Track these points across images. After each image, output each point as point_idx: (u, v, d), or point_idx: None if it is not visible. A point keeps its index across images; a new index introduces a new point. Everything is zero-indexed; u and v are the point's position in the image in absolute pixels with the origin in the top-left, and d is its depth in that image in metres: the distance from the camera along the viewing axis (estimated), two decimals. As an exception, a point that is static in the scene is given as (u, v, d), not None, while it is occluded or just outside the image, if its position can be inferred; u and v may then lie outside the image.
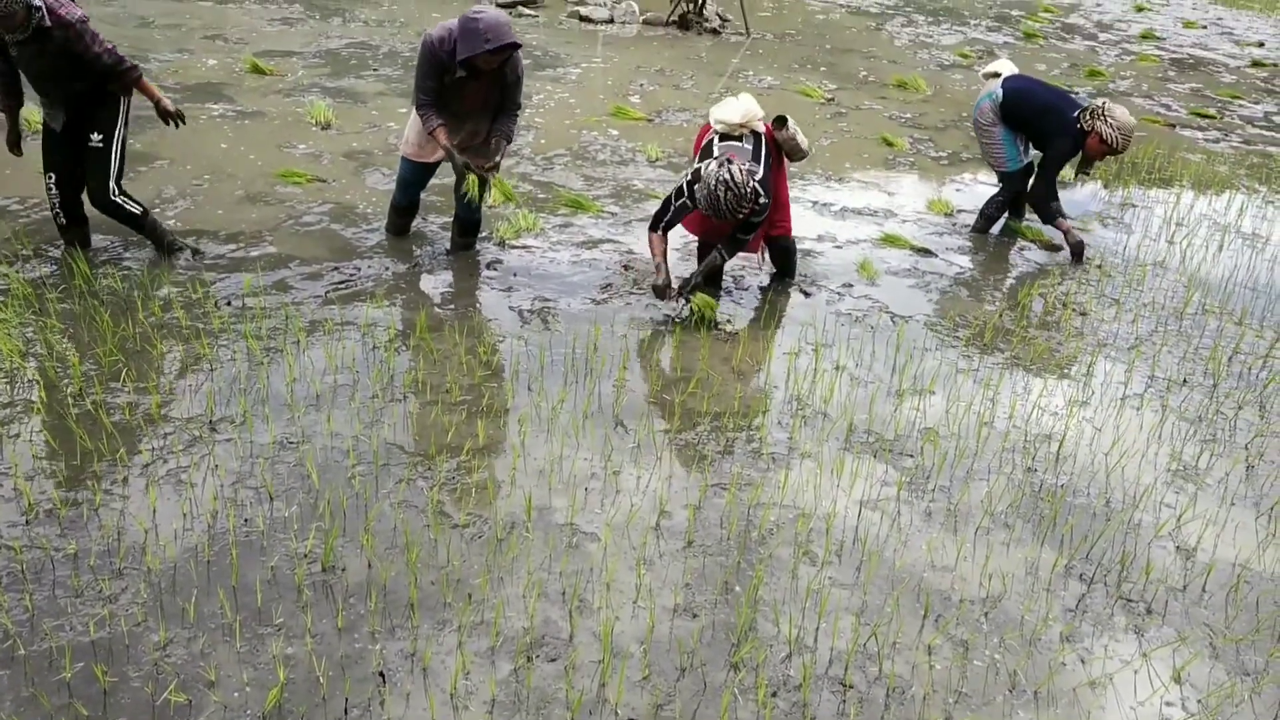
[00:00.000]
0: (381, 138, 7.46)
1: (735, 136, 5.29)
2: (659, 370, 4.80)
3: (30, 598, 3.17)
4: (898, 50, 12.11)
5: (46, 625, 3.08)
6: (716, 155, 5.11)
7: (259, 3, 11.18)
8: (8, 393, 4.18)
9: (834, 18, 13.48)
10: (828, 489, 4.05)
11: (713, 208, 4.92)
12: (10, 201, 5.87)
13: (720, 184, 4.85)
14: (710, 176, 4.88)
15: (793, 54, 11.43)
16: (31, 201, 5.89)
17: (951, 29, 13.43)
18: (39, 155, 5.32)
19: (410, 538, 3.54)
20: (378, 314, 5.03)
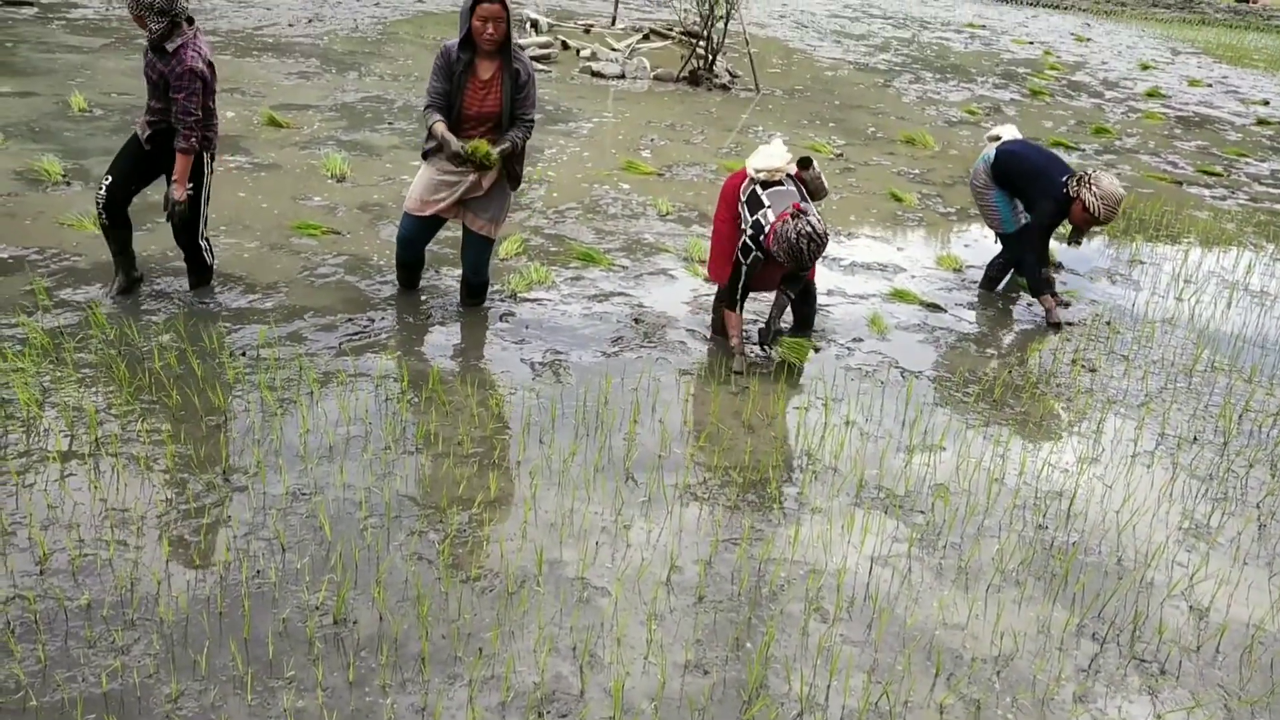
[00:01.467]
0: (395, 190, 7.54)
1: (776, 182, 5.34)
2: (669, 424, 4.82)
3: (43, 648, 3.18)
4: (905, 107, 12.23)
5: (59, 676, 3.08)
6: (770, 204, 5.19)
7: (276, 57, 11.35)
8: (25, 442, 4.21)
9: (842, 74, 13.64)
10: (839, 545, 4.05)
11: (795, 259, 5.03)
12: (30, 252, 5.94)
13: (803, 237, 4.95)
14: (789, 232, 4.97)
15: (802, 110, 11.55)
16: (51, 252, 5.96)
17: (958, 86, 13.58)
18: (58, 206, 5.41)
19: (422, 591, 3.55)
20: (390, 366, 5.06)
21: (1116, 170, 10.39)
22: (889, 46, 15.76)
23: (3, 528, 3.68)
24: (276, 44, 11.98)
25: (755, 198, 5.32)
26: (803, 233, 4.97)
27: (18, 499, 3.85)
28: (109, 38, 11.46)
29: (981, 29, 18.27)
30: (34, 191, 6.83)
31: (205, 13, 13.34)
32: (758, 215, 5.21)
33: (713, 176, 8.71)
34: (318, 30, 12.99)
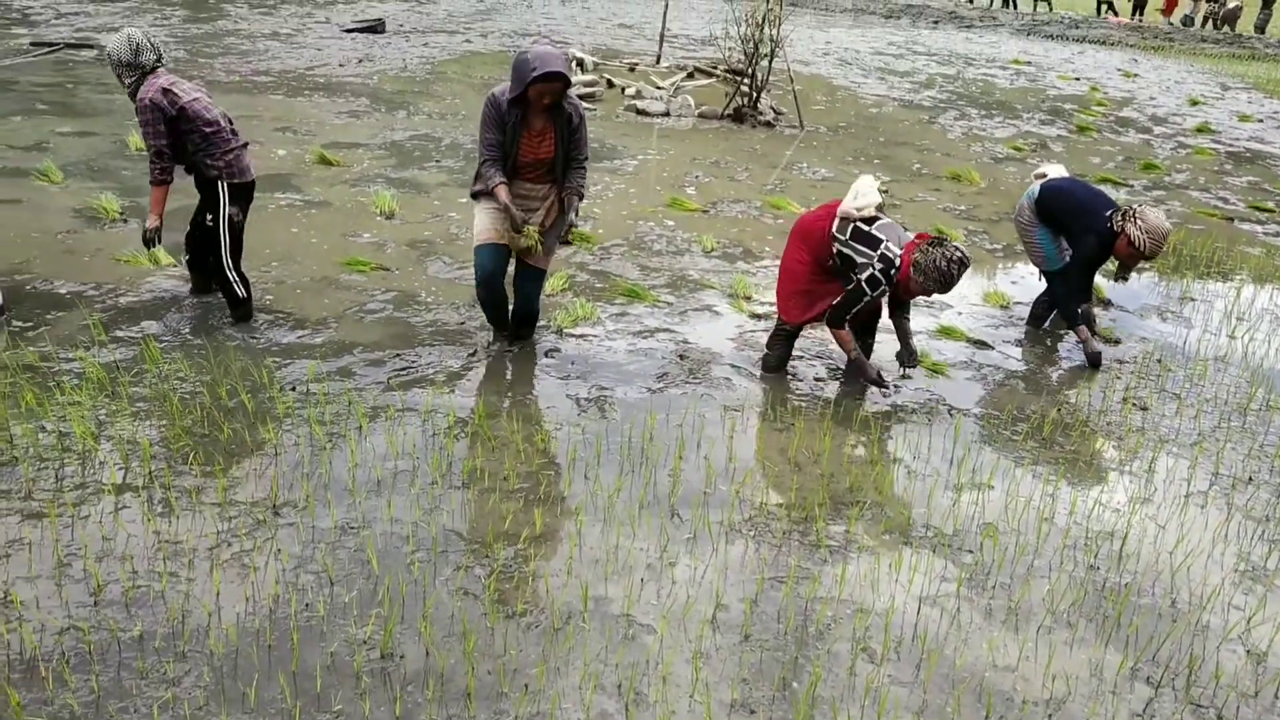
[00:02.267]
0: (444, 227, 7.63)
1: (875, 217, 5.38)
2: (715, 460, 4.81)
3: (97, 679, 3.22)
4: (951, 143, 12.21)
5: (111, 707, 3.12)
6: (886, 238, 5.26)
7: (327, 96, 11.55)
8: (80, 474, 4.28)
9: (887, 111, 13.64)
10: (886, 584, 4.02)
11: (944, 285, 5.16)
12: (87, 288, 6.06)
13: (954, 263, 5.10)
14: (938, 260, 5.10)
15: (846, 146, 11.56)
16: (107, 288, 6.08)
17: (1004, 122, 13.54)
18: (115, 243, 5.58)
19: (468, 626, 3.56)
20: (438, 401, 5.10)
21: (1166, 206, 10.29)
22: (934, 83, 15.75)
23: (59, 559, 3.75)
24: (327, 84, 12.20)
25: (864, 234, 5.33)
26: (953, 259, 5.11)
27: (73, 530, 3.92)
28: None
29: (1027, 65, 18.22)
30: (92, 229, 6.98)
31: (259, 53, 13.62)
32: (880, 250, 5.25)
33: (757, 213, 8.73)
34: (367, 70, 13.21)
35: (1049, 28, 25.90)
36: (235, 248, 5.73)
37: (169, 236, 5.98)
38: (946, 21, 25.61)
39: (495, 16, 18.81)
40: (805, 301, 5.65)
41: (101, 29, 14.31)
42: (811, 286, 5.63)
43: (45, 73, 11.50)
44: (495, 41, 15.92)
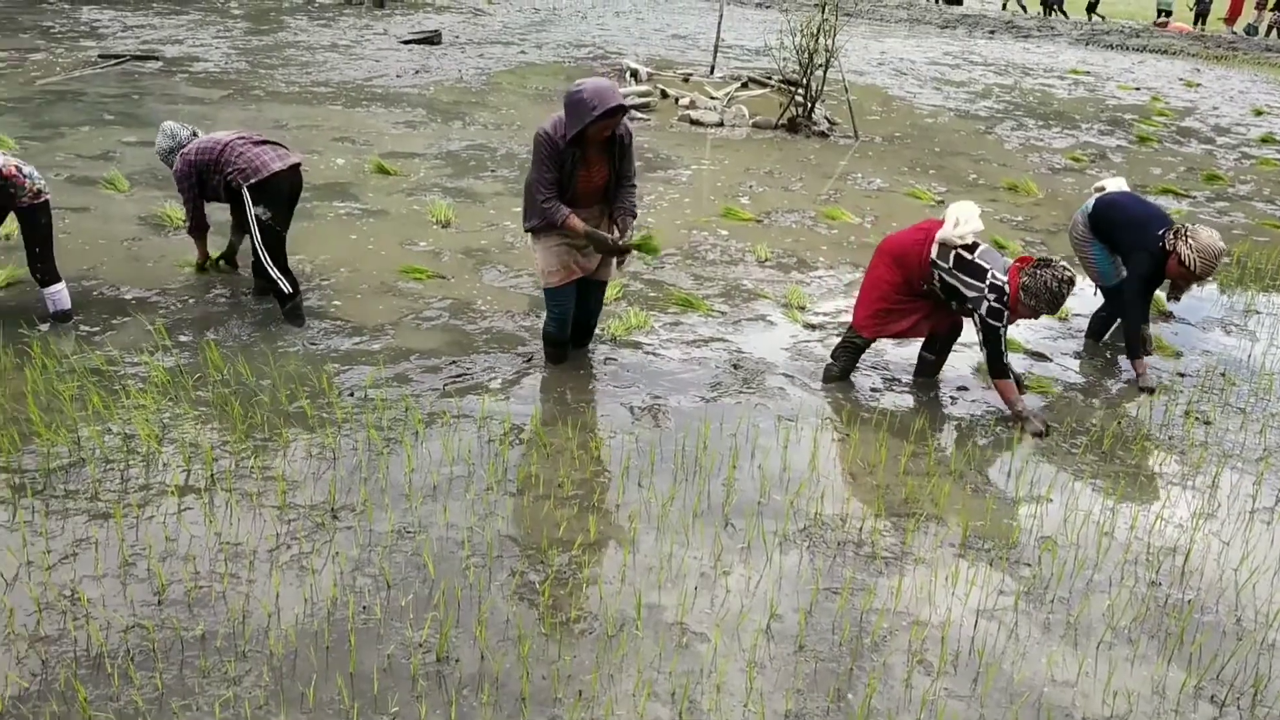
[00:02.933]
0: (499, 236, 7.69)
1: (974, 244, 5.33)
2: (769, 470, 4.79)
3: (160, 676, 3.28)
4: (1007, 153, 12.09)
5: (174, 705, 3.18)
6: (990, 265, 5.21)
7: (385, 107, 11.69)
8: (144, 476, 4.37)
9: (942, 121, 13.53)
10: (942, 596, 3.98)
11: (1055, 306, 5.17)
12: (151, 294, 6.19)
13: (1064, 284, 5.09)
14: (1048, 282, 5.08)
15: (901, 157, 11.49)
16: (170, 293, 6.20)
17: (1063, 132, 13.37)
18: (178, 250, 5.70)
19: (522, 631, 3.58)
20: (493, 408, 5.14)
21: (1229, 218, 10.11)
22: (990, 93, 15.60)
23: (124, 558, 3.82)
24: (385, 95, 12.35)
25: (969, 263, 5.26)
26: (1063, 279, 5.09)
27: (138, 531, 4.00)
28: (228, 89, 11.94)
29: (1086, 75, 17.98)
30: (157, 236, 7.12)
31: (318, 65, 13.82)
32: (989, 279, 5.18)
33: (811, 223, 8.70)
34: (424, 81, 13.35)
35: (1109, 37, 25.57)
36: (271, 246, 5.86)
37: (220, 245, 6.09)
38: (1003, 31, 25.37)
39: (550, 28, 18.94)
40: (884, 319, 5.61)
41: (166, 41, 14.60)
42: (895, 305, 5.58)
43: (112, 84, 11.75)
44: (550, 53, 16.02)
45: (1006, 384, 5.39)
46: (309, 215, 6.73)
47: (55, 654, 3.36)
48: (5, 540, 3.88)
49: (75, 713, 3.13)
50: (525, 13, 20.97)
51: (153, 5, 17.75)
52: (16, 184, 5.43)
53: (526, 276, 6.92)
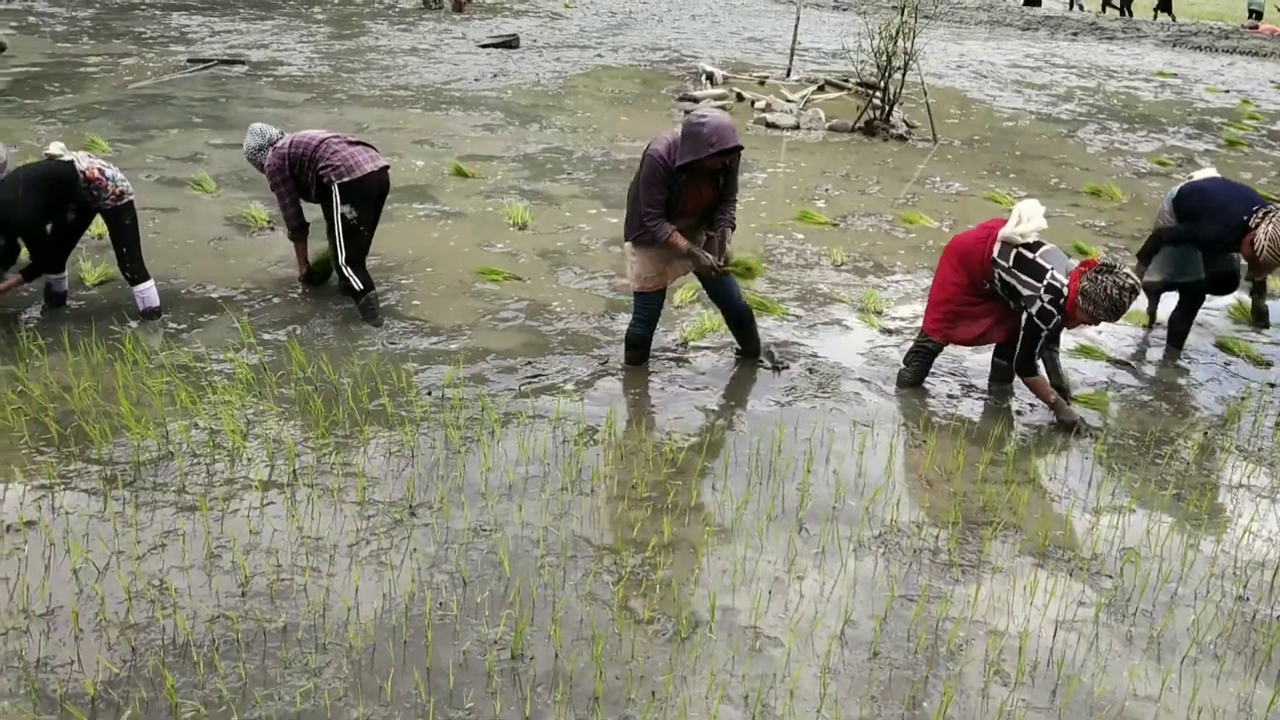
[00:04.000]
0: (574, 238, 7.74)
1: (1038, 243, 5.26)
2: (844, 475, 4.76)
3: (244, 666, 3.36)
4: (1090, 157, 11.86)
5: (257, 694, 3.25)
6: (1051, 265, 5.12)
7: (463, 110, 11.84)
8: (229, 470, 4.48)
9: (1023, 124, 13.31)
10: (1020, 606, 3.92)
11: (1114, 313, 5.02)
12: (236, 292, 6.34)
13: (1125, 291, 4.94)
14: (1108, 287, 4.94)
15: (981, 160, 11.34)
16: (255, 291, 6.35)
17: (1148, 136, 13.08)
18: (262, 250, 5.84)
19: (596, 631, 3.60)
20: (568, 408, 5.18)
21: (1323, 224, 9.79)
22: (1072, 96, 15.31)
23: (210, 550, 3.92)
24: (464, 98, 12.50)
25: (1029, 262, 5.19)
26: (1125, 286, 4.94)
27: (223, 524, 4.10)
28: (311, 93, 12.18)
29: (1173, 77, 17.56)
30: (242, 236, 7.30)
31: (398, 68, 14.04)
32: (1047, 280, 5.11)
33: (888, 227, 8.62)
34: (502, 84, 13.49)
35: (1196, 39, 24.95)
36: (351, 246, 6.01)
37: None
38: (1087, 33, 24.88)
39: (626, 31, 19.01)
40: (953, 321, 5.56)
41: (252, 46, 14.93)
42: (963, 308, 5.52)
43: (200, 88, 12.05)
44: (625, 56, 16.08)
45: (1034, 380, 5.32)
46: (389, 216, 6.83)
47: (144, 641, 3.46)
48: (98, 530, 4.00)
49: (162, 699, 3.22)
50: (602, 16, 21.07)
51: (239, 10, 18.16)
52: (100, 186, 5.64)
53: (602, 279, 6.96)
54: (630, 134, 11.25)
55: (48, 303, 5.91)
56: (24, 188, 5.44)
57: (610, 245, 7.62)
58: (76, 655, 3.38)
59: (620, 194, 9.01)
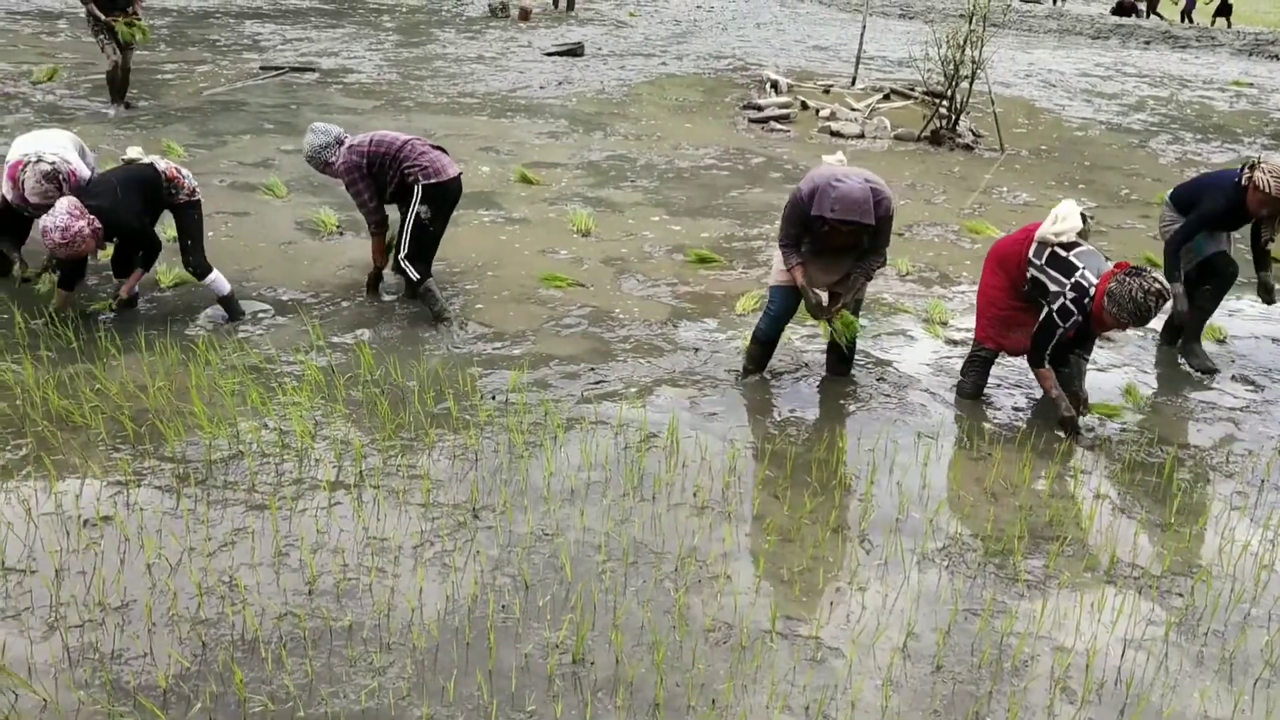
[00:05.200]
0: (638, 245, 7.77)
1: (1074, 243, 5.21)
2: (907, 487, 4.72)
3: (310, 664, 3.42)
4: (1163, 168, 11.65)
5: (323, 691, 3.30)
6: (1083, 265, 5.07)
7: (528, 117, 11.93)
8: (297, 470, 4.55)
9: (1093, 134, 13.12)
10: (1088, 623, 3.86)
11: (1139, 318, 4.92)
12: (305, 295, 6.44)
13: (1150, 295, 4.85)
14: (1133, 291, 4.85)
15: (1049, 170, 11.19)
16: (325, 296, 6.45)
17: (1222, 146, 12.82)
18: (332, 254, 5.95)
19: (657, 637, 3.61)
20: (630, 415, 5.19)
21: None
22: (1144, 106, 15.06)
23: (278, 548, 3.99)
24: (529, 105, 12.60)
25: (1060, 260, 5.15)
26: (1150, 290, 4.84)
27: (291, 523, 4.17)
28: (379, 100, 12.35)
29: (1249, 87, 17.19)
30: (312, 240, 7.42)
31: (465, 76, 14.18)
32: (1075, 278, 5.06)
33: (954, 237, 8.54)
34: (566, 92, 13.57)
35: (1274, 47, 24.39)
36: (425, 244, 6.21)
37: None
38: (1159, 42, 24.44)
39: (690, 39, 19.02)
40: (1001, 328, 5.51)
41: (322, 53, 15.18)
42: (1009, 313, 5.47)
43: (272, 94, 12.28)
44: (690, 64, 16.10)
45: (1041, 373, 5.29)
46: (455, 222, 6.90)
47: (214, 636, 3.53)
48: (170, 526, 4.09)
49: (232, 693, 3.28)
50: (666, 24, 21.11)
51: (310, 19, 18.47)
52: (177, 184, 5.92)
53: (665, 286, 6.98)
54: (694, 142, 11.27)
55: (121, 305, 6.04)
56: (121, 190, 5.67)
57: (673, 253, 7.63)
58: (149, 648, 3.46)
59: (683, 201, 9.03)
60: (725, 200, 9.16)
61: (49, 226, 5.36)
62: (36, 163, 5.62)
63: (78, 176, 5.76)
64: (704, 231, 8.20)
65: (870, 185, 5.12)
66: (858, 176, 5.16)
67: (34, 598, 3.67)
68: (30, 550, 3.92)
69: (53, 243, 5.38)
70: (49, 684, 3.29)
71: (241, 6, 19.01)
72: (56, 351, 5.45)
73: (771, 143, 11.67)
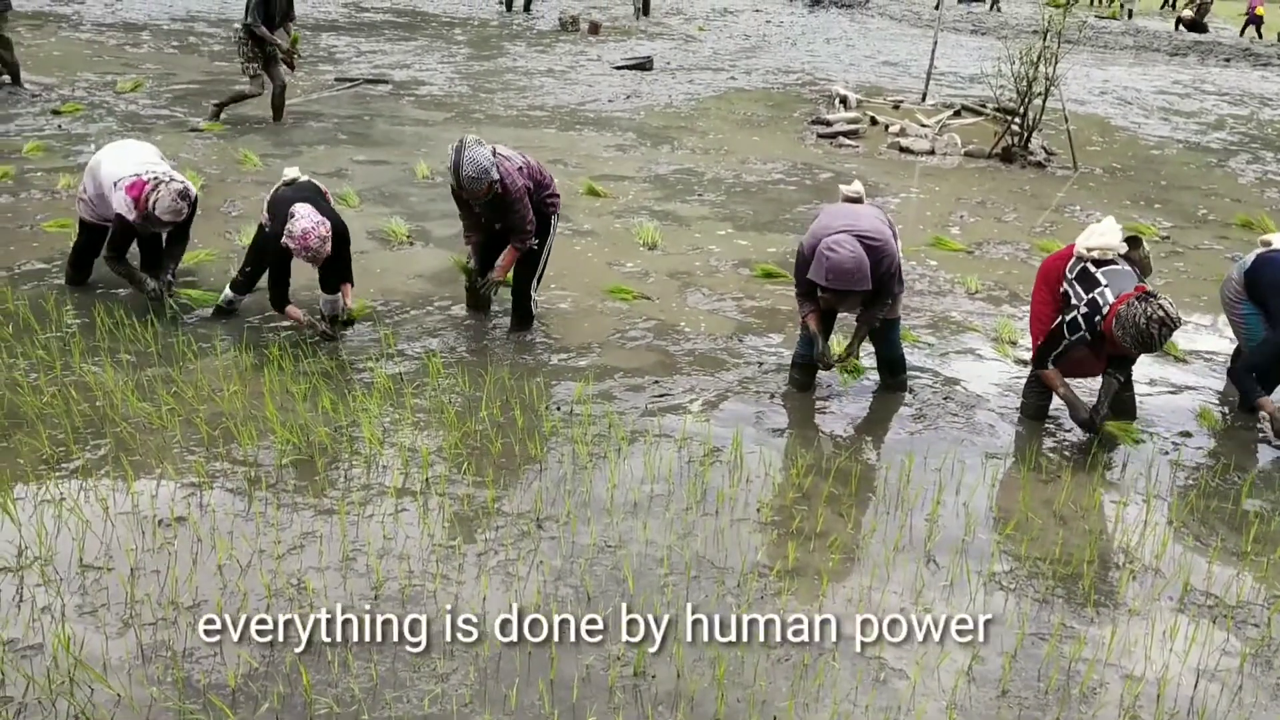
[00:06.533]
0: (704, 259, 7.77)
1: (1109, 261, 5.14)
2: (974, 508, 4.66)
3: (375, 668, 3.46)
4: (1242, 188, 11.40)
5: (388, 695, 3.35)
6: (1107, 283, 5.00)
7: (597, 130, 12.01)
8: (365, 476, 4.62)
9: (1169, 153, 12.88)
10: (1159, 652, 3.78)
11: (1142, 344, 4.84)
12: (377, 304, 6.53)
13: (1154, 322, 4.75)
14: (1137, 315, 4.77)
15: (1123, 189, 11.00)
16: (395, 304, 6.54)
17: (1305, 166, 12.52)
18: (403, 263, 6.02)
19: (719, 652, 3.60)
20: (694, 429, 5.19)
21: None
22: (1223, 124, 14.76)
23: (345, 553, 4.05)
24: (597, 119, 12.68)
25: (1088, 275, 5.11)
26: (1154, 317, 4.75)
27: (358, 528, 4.23)
28: (450, 112, 12.50)
29: (1332, 106, 16.81)
30: (383, 249, 7.52)
31: (535, 89, 14.32)
32: (1094, 294, 5.01)
33: (1025, 255, 8.43)
34: (634, 106, 13.63)
35: (1359, 65, 23.75)
36: (539, 277, 6.28)
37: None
38: (1239, 59, 23.93)
39: (759, 54, 19.01)
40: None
41: (395, 66, 15.41)
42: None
43: (346, 106, 12.49)
44: (758, 79, 16.09)
45: (1045, 374, 5.27)
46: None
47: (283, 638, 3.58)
48: (241, 528, 4.17)
49: (299, 695, 3.33)
50: (735, 39, 21.12)
51: (384, 32, 18.76)
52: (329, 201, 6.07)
53: (730, 300, 6.97)
54: (761, 156, 11.25)
55: (217, 313, 6.17)
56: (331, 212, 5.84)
57: (739, 267, 7.63)
58: (219, 648, 3.52)
59: (749, 216, 9.03)
60: (792, 215, 9.13)
61: (307, 229, 5.46)
62: (169, 182, 5.78)
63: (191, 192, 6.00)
64: (770, 246, 8.18)
65: (868, 241, 5.08)
66: (867, 222, 5.16)
67: (110, 595, 3.76)
68: (107, 548, 4.02)
69: (319, 239, 5.50)
70: (123, 679, 3.37)
71: (318, 20, 19.36)
72: (135, 355, 5.59)
73: (840, 158, 11.62)
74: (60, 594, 3.75)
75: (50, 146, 9.59)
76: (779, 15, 25.32)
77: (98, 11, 17.95)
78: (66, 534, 4.07)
